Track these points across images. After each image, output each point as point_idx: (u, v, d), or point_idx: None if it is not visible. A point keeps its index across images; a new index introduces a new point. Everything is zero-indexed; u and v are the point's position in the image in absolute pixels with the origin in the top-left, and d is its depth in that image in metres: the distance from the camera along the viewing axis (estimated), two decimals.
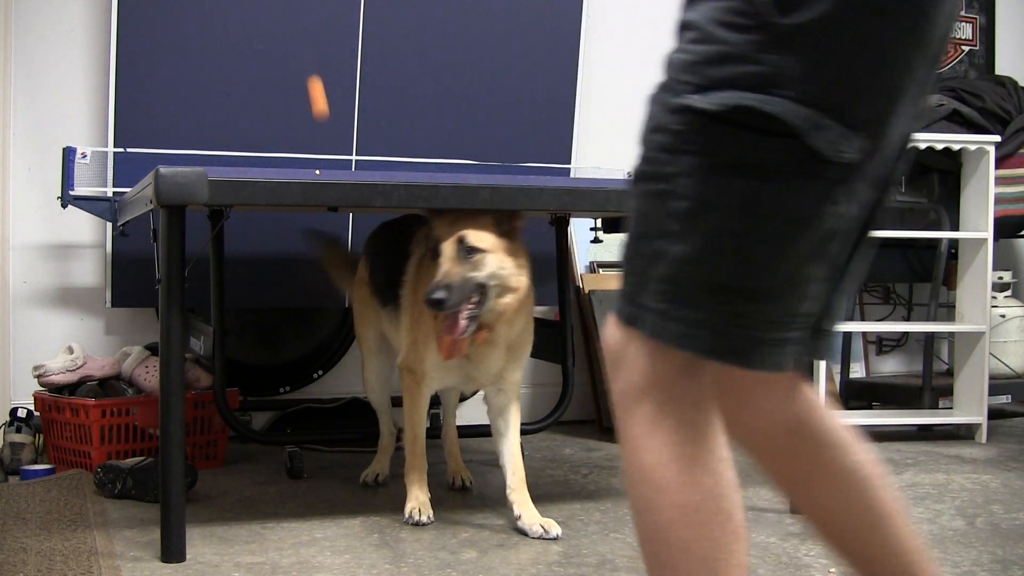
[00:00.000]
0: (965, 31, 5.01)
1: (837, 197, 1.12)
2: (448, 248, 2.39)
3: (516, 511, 2.53)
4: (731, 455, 1.18)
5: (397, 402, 2.87)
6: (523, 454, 3.27)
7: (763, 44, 1.08)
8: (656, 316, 1.15)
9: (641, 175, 1.17)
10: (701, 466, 1.14)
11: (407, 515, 2.59)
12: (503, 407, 2.67)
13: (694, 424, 1.16)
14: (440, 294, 2.31)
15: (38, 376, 3.30)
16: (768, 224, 1.11)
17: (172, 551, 2.22)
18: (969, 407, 3.89)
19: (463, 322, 2.37)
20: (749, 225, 1.11)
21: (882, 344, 4.84)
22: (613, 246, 4.23)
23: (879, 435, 3.94)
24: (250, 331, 3.94)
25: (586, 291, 4.14)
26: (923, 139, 3.84)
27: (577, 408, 4.06)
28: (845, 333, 4.43)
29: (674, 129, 1.12)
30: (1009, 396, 4.26)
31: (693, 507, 1.14)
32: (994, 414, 4.02)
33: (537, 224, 3.27)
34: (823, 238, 1.14)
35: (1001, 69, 4.99)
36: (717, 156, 1.10)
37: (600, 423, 4.11)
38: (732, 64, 1.09)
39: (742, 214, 1.11)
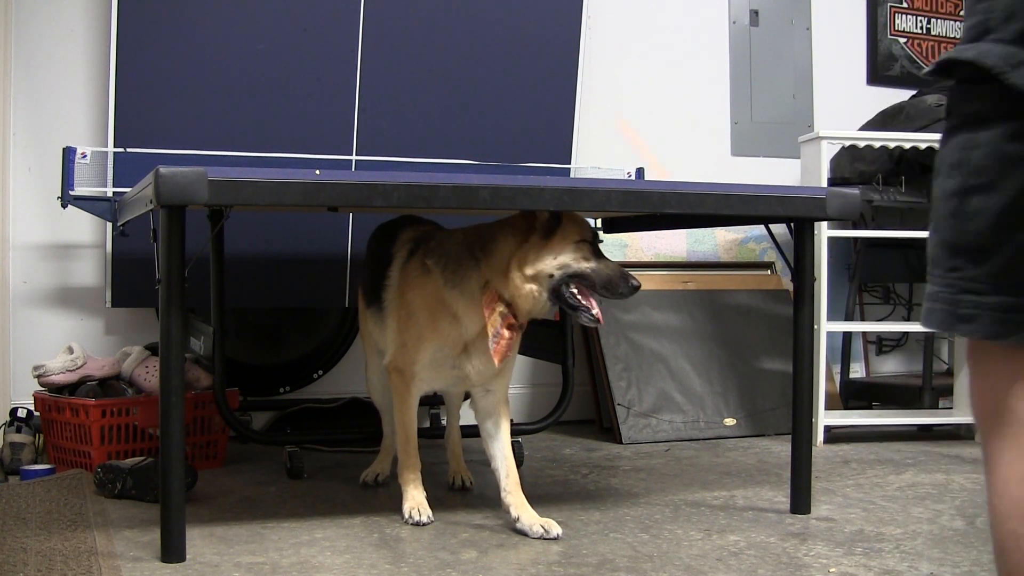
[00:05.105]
0: None
1: None
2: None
3: (514, 513, 2.52)
4: None
5: None
6: (523, 454, 3.30)
7: None
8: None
9: None
10: None
11: (406, 515, 2.58)
12: (492, 409, 2.65)
13: None
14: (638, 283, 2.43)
15: (38, 376, 3.30)
16: (980, 176, 1.04)
17: (172, 551, 2.22)
18: (969, 407, 3.88)
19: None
20: (962, 181, 1.05)
21: (882, 344, 4.84)
22: (613, 246, 4.23)
23: (879, 435, 3.94)
24: (250, 331, 3.94)
25: None
26: (923, 139, 3.84)
27: (577, 408, 4.06)
28: (845, 333, 4.43)
29: None
30: None
31: None
32: None
33: None
34: None
35: None
36: (950, 118, 1.08)
37: (600, 423, 4.11)
38: (966, 25, 1.07)
39: (955, 170, 1.06)
